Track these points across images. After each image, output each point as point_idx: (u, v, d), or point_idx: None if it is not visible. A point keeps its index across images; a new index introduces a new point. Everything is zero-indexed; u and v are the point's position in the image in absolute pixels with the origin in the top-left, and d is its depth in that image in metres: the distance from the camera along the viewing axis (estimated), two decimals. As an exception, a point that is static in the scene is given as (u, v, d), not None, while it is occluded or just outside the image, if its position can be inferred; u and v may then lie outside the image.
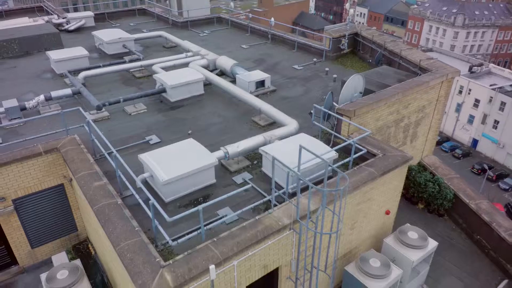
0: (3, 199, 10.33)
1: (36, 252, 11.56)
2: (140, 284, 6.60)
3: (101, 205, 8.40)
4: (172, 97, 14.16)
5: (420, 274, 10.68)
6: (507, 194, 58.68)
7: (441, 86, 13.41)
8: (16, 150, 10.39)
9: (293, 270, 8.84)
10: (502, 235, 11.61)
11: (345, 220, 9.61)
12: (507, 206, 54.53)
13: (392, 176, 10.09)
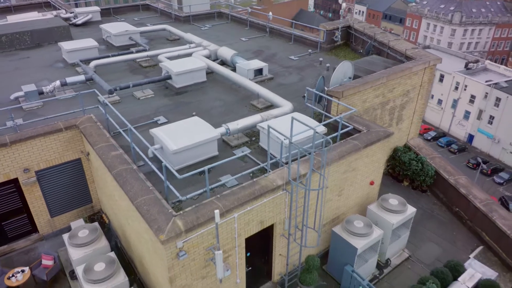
0: (27, 170, 11.62)
1: (54, 221, 12.85)
2: (156, 229, 7.89)
3: (119, 169, 9.69)
4: (177, 83, 15.45)
5: (401, 238, 11.98)
6: (502, 188, 60.03)
7: (424, 72, 14.71)
8: (40, 127, 11.68)
9: (286, 228, 10.14)
10: (477, 206, 12.92)
11: (333, 187, 10.92)
12: (502, 199, 55.94)
13: (375, 149, 11.40)
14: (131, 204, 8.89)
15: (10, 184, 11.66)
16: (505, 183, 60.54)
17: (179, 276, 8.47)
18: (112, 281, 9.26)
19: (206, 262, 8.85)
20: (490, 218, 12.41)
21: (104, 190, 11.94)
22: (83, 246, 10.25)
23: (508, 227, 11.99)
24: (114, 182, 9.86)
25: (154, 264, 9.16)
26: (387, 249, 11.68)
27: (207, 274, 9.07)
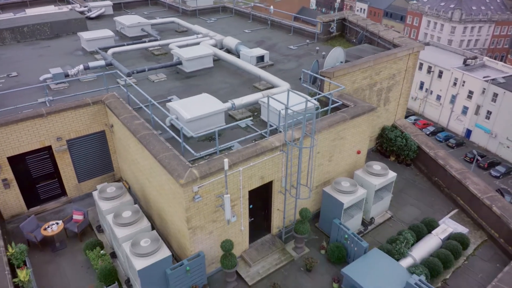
0: (60, 138, 13.51)
1: (81, 186, 14.74)
2: (176, 175, 9.76)
3: (142, 134, 11.57)
4: (187, 68, 17.32)
5: (384, 200, 13.83)
6: (498, 181, 61.72)
7: (408, 58, 16.53)
8: (71, 101, 13.58)
9: (283, 185, 12.01)
10: (453, 174, 14.75)
11: (323, 153, 12.78)
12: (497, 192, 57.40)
13: (361, 121, 13.24)
14: (154, 161, 10.77)
15: (45, 151, 13.55)
16: (501, 176, 62.21)
17: (194, 217, 10.35)
18: (137, 225, 11.13)
19: (216, 208, 10.72)
20: (464, 184, 14.24)
21: (126, 158, 13.82)
22: (111, 199, 12.13)
23: (479, 191, 13.81)
24: (138, 145, 11.75)
25: (173, 211, 11.04)
26: (371, 208, 13.53)
27: (217, 219, 10.95)
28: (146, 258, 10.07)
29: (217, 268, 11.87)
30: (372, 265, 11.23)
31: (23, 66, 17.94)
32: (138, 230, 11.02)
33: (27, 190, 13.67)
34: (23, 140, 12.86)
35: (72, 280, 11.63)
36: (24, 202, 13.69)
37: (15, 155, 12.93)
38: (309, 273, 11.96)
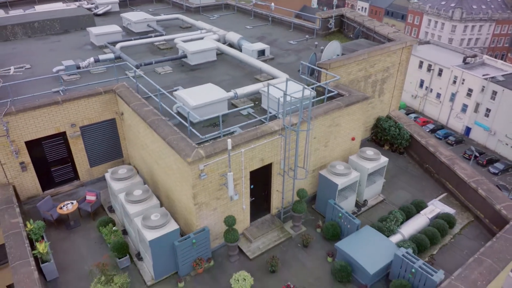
0: (74, 125, 14.52)
1: (92, 170, 15.75)
2: (184, 155, 10.74)
3: (151, 119, 12.55)
4: (192, 61, 18.30)
5: (376, 183, 14.79)
6: (496, 178, 62.58)
7: (402, 51, 17.48)
8: (84, 90, 14.59)
9: (281, 167, 12.98)
10: (443, 160, 15.71)
11: (320, 138, 13.75)
12: (495, 188, 58.24)
13: (355, 109, 14.20)
14: (163, 143, 11.76)
15: (59, 136, 14.56)
16: (500, 173, 63.08)
17: (200, 194, 11.33)
18: (147, 203, 12.12)
19: (220, 186, 11.71)
20: (452, 169, 15.18)
21: (135, 143, 14.80)
22: (123, 180, 13.12)
23: (466, 175, 14.76)
24: (148, 130, 12.74)
25: (180, 190, 12.02)
26: (364, 191, 14.49)
27: (221, 196, 11.93)
28: (156, 230, 11.06)
29: (220, 244, 12.85)
30: (363, 240, 12.19)
31: (35, 59, 18.94)
32: (148, 207, 12.00)
33: (42, 173, 14.68)
34: (40, 126, 13.86)
35: (86, 254, 12.62)
36: (39, 184, 14.70)
37: (32, 139, 13.93)
38: (306, 249, 12.93)
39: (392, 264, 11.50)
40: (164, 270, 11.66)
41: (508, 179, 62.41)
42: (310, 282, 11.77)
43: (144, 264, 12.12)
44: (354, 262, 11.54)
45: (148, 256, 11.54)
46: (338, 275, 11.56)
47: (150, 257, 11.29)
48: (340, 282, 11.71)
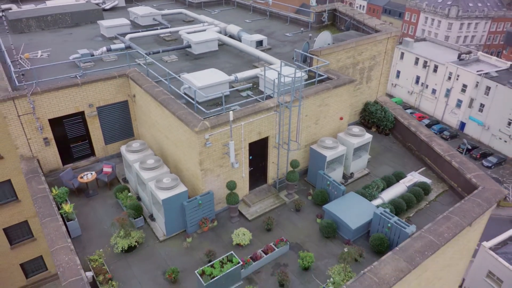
0: (92, 105, 16.31)
1: (107, 147, 17.55)
2: (192, 125, 12.55)
3: (162, 97, 14.35)
4: (196, 51, 20.10)
5: (362, 158, 16.61)
6: (490, 171, 64.47)
7: (387, 41, 19.29)
8: (100, 74, 16.38)
9: (276, 141, 14.80)
10: (422, 138, 17.53)
11: (311, 116, 15.56)
12: (488, 181, 59.99)
13: (343, 91, 16.02)
14: (173, 117, 13.57)
15: (78, 115, 16.36)
16: (493, 166, 64.98)
17: (205, 160, 13.15)
18: (159, 170, 13.93)
19: (223, 154, 13.52)
20: (430, 146, 17.01)
21: (146, 122, 16.60)
22: (137, 152, 14.93)
23: (442, 150, 16.59)
24: (159, 108, 14.54)
25: (188, 158, 13.82)
26: (350, 164, 16.31)
27: (223, 164, 13.75)
28: (168, 191, 12.87)
29: (223, 207, 14.67)
30: (347, 203, 14.02)
31: (51, 49, 20.71)
32: (160, 173, 13.81)
33: (63, 148, 16.48)
34: (62, 105, 15.67)
35: (105, 217, 14.42)
36: (60, 159, 16.50)
37: (54, 117, 15.73)
38: (298, 212, 14.75)
39: (371, 221, 13.32)
40: (174, 227, 13.47)
41: (501, 172, 64.34)
42: (301, 239, 13.59)
43: (156, 224, 13.94)
44: (339, 220, 13.37)
45: (160, 215, 13.36)
46: (325, 231, 13.38)
47: (163, 215, 13.10)
48: (327, 238, 13.53)
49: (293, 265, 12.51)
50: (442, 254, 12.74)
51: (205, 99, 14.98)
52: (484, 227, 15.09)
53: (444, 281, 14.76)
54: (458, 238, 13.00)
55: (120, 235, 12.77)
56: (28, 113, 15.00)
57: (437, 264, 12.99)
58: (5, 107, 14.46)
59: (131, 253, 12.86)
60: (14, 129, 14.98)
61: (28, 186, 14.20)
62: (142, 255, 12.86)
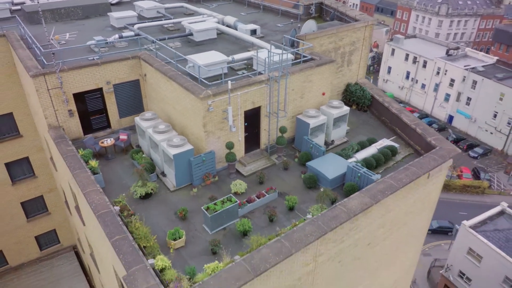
0: (109, 82, 19.16)
1: (121, 121, 20.39)
2: (197, 93, 15.44)
3: (171, 73, 17.23)
4: (197, 38, 22.99)
5: (341, 128, 19.56)
6: (476, 161, 67.78)
7: (365, 29, 22.28)
8: (116, 56, 19.24)
9: (267, 110, 17.72)
10: (393, 111, 20.52)
11: (296, 90, 18.49)
12: (474, 170, 63.62)
13: (324, 69, 18.97)
14: (180, 89, 16.45)
15: (97, 91, 19.20)
16: (479, 157, 68.31)
17: (208, 123, 16.04)
18: (169, 133, 16.80)
19: (223, 119, 16.42)
20: (400, 117, 20.00)
21: (155, 97, 19.45)
22: (149, 120, 17.79)
23: (409, 120, 19.57)
24: (168, 83, 17.41)
25: (193, 124, 16.69)
26: (331, 133, 19.26)
27: (223, 128, 16.65)
28: (178, 148, 15.76)
29: (223, 166, 17.56)
30: (327, 160, 16.97)
31: (77, 32, 23.50)
32: (169, 136, 16.69)
33: (84, 120, 19.31)
34: (84, 81, 18.50)
35: (123, 175, 17.26)
36: (81, 129, 19.33)
37: (77, 92, 18.57)
38: (286, 171, 17.68)
39: (346, 174, 16.28)
40: (183, 180, 16.35)
41: (486, 162, 67.70)
42: (287, 189, 16.52)
43: (167, 178, 16.82)
44: (319, 173, 16.32)
45: (171, 170, 16.24)
46: (307, 182, 16.33)
47: (173, 169, 15.98)
48: (309, 188, 16.47)
49: (281, 207, 15.43)
50: (403, 199, 15.72)
51: (207, 76, 17.86)
52: (443, 182, 18.07)
53: (409, 227, 17.73)
54: (417, 186, 15.98)
55: (138, 184, 15.63)
56: (56, 87, 17.83)
57: (399, 208, 15.96)
58: (37, 81, 17.29)
59: (148, 199, 15.74)
60: (44, 101, 17.80)
61: (58, 148, 17.02)
62: (156, 201, 15.75)
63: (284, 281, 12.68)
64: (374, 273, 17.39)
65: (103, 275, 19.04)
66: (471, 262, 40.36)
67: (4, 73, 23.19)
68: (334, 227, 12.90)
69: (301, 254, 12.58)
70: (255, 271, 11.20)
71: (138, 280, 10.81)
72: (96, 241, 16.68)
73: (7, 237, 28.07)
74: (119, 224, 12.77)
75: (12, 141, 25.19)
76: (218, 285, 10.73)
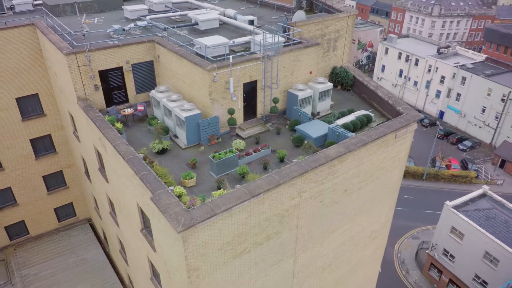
0: (128, 62, 22.76)
1: (137, 96, 23.99)
2: (204, 66, 19.03)
3: (182, 52, 20.84)
4: (202, 27, 26.65)
5: (325, 101, 23.17)
6: (465, 154, 71.46)
7: (348, 19, 25.96)
8: (134, 40, 22.87)
9: (263, 84, 21.33)
10: (371, 88, 24.15)
11: (287, 68, 22.11)
12: (462, 161, 67.29)
13: (311, 51, 22.61)
14: (189, 63, 20.05)
15: (118, 70, 22.79)
16: (467, 149, 72.02)
17: (213, 92, 19.62)
18: (181, 101, 20.38)
19: (225, 89, 20.01)
20: (376, 92, 23.62)
21: (167, 75, 23.03)
22: (163, 92, 21.37)
23: (384, 94, 23.19)
24: (179, 60, 21.01)
25: (201, 94, 20.26)
26: (317, 105, 22.86)
27: (225, 97, 20.24)
28: (188, 112, 19.34)
29: (225, 131, 21.12)
30: (312, 125, 20.57)
31: (89, 26, 27.14)
32: (181, 103, 20.27)
33: (106, 94, 22.89)
34: (107, 60, 22.10)
35: (142, 137, 20.82)
36: (104, 102, 22.91)
37: (102, 70, 22.15)
38: (278, 135, 21.26)
39: (327, 134, 19.86)
40: (192, 139, 19.91)
41: (475, 155, 71.36)
42: (279, 148, 20.08)
43: (179, 139, 20.37)
44: (305, 133, 19.91)
45: (182, 131, 19.80)
46: (295, 141, 19.90)
47: (184, 130, 19.54)
48: (297, 147, 20.05)
49: (273, 160, 19.00)
50: (374, 153, 19.30)
51: (212, 55, 21.46)
52: (410, 143, 21.65)
53: (382, 182, 21.28)
54: (385, 144, 19.58)
55: (156, 142, 19.19)
56: (84, 64, 21.42)
57: (371, 162, 19.53)
58: (69, 59, 20.88)
59: (163, 154, 19.29)
60: (75, 76, 21.38)
61: (88, 114, 20.57)
62: (170, 155, 19.31)
63: (275, 209, 16.23)
64: (352, 219, 20.93)
65: (123, 225, 22.52)
66: (454, 240, 43.89)
67: (31, 57, 26.79)
68: (314, 167, 16.47)
69: (288, 188, 16.15)
70: (251, 193, 14.76)
71: (163, 198, 14.36)
72: (120, 189, 20.17)
73: (29, 208, 31.55)
74: (144, 164, 16.33)
75: (37, 119, 28.77)
76: (223, 202, 14.28)
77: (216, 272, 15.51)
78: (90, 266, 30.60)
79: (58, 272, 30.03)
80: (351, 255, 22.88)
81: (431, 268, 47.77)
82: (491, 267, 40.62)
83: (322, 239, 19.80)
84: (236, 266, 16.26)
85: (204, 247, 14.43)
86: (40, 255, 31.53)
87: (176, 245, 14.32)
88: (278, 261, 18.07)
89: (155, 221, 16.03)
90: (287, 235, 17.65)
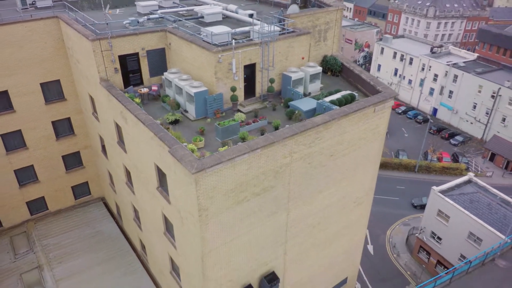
0: (143, 48, 26.33)
1: (151, 79, 27.54)
2: (210, 49, 22.58)
3: (191, 38, 24.40)
4: (207, 20, 30.25)
5: (315, 83, 26.70)
6: (456, 148, 74.91)
7: (336, 12, 29.56)
8: (148, 29, 26.46)
9: (261, 66, 24.88)
10: (356, 73, 27.71)
11: (282, 53, 25.66)
12: (453, 155, 70.81)
13: (303, 39, 26.17)
14: (198, 48, 23.59)
15: (134, 55, 26.35)
16: (459, 144, 75.52)
17: (218, 72, 23.16)
18: (189, 81, 23.91)
19: (228, 70, 23.53)
20: (360, 76, 27.17)
21: (177, 60, 26.57)
22: (175, 73, 24.92)
23: (366, 77, 26.73)
24: (189, 45, 24.56)
25: (207, 74, 23.77)
26: (308, 86, 26.39)
27: (229, 76, 23.77)
28: (197, 88, 22.88)
29: (228, 107, 24.63)
30: (303, 101, 24.10)
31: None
32: (190, 82, 23.80)
33: (124, 77, 26.43)
34: (126, 47, 25.66)
35: (156, 113, 24.32)
36: (123, 83, 26.45)
37: (121, 54, 25.71)
38: (274, 111, 24.78)
39: (316, 109, 23.38)
40: (200, 113, 23.41)
41: (466, 149, 74.77)
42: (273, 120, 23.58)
43: (189, 114, 23.88)
44: (297, 107, 23.43)
45: (192, 106, 23.31)
46: (288, 114, 23.42)
47: (193, 105, 23.06)
48: (289, 119, 23.55)
49: (269, 129, 22.49)
50: (356, 124, 22.82)
51: (216, 42, 25.00)
52: (388, 118, 25.16)
53: (364, 151, 24.76)
54: (366, 117, 23.09)
55: (169, 114, 22.71)
56: (107, 50, 24.98)
57: (354, 131, 23.02)
58: (94, 44, 24.44)
59: (176, 125, 22.80)
60: (98, 60, 24.93)
61: (110, 92, 24.10)
62: (182, 125, 22.83)
63: (270, 165, 19.72)
64: (338, 183, 24.41)
65: (139, 191, 25.97)
66: (440, 223, 47.28)
67: (54, 47, 30.38)
68: (303, 130, 19.97)
69: (281, 147, 19.66)
70: (251, 148, 18.26)
71: (179, 150, 17.85)
72: (137, 156, 23.63)
73: (49, 185, 35.02)
74: (161, 127, 19.84)
75: (59, 103, 32.33)
76: (228, 153, 17.77)
77: (222, 214, 18.98)
78: (105, 237, 34.02)
79: (76, 241, 33.45)
80: (338, 218, 26.34)
81: (420, 251, 51.10)
82: (475, 246, 43.97)
83: (311, 198, 23.27)
84: (238, 212, 19.72)
85: (212, 190, 17.92)
86: (59, 228, 34.96)
87: (189, 189, 17.80)
88: (273, 213, 21.53)
89: (171, 173, 19.52)
90: (280, 190, 21.13)
